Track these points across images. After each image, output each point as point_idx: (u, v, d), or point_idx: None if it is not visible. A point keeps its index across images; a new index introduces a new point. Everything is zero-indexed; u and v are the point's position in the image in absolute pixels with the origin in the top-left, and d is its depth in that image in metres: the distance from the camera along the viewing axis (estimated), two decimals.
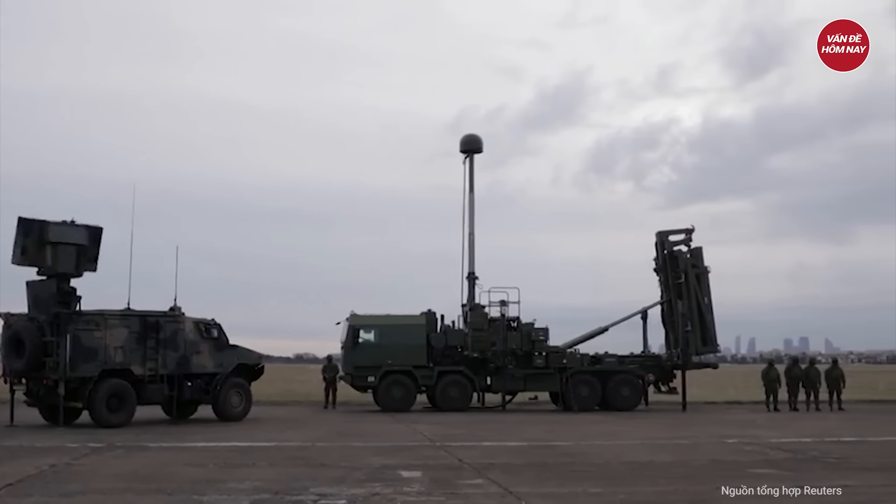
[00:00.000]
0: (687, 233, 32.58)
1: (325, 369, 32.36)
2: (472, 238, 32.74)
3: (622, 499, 11.10)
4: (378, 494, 11.23)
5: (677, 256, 32.19)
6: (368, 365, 29.45)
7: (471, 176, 33.32)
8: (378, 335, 30.03)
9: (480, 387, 30.29)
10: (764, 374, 31.55)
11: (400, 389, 29.55)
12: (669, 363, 31.85)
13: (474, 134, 34.57)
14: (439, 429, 21.95)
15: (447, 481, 12.51)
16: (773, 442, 18.80)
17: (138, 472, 13.74)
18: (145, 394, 23.18)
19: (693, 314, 31.50)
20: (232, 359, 25.09)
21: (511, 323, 30.67)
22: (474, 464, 14.59)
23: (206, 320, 24.86)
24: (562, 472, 13.78)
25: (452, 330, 31.01)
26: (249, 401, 25.46)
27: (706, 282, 32.33)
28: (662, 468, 14.55)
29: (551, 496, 11.33)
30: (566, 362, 30.35)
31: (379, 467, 14.11)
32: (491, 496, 11.26)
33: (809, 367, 31.92)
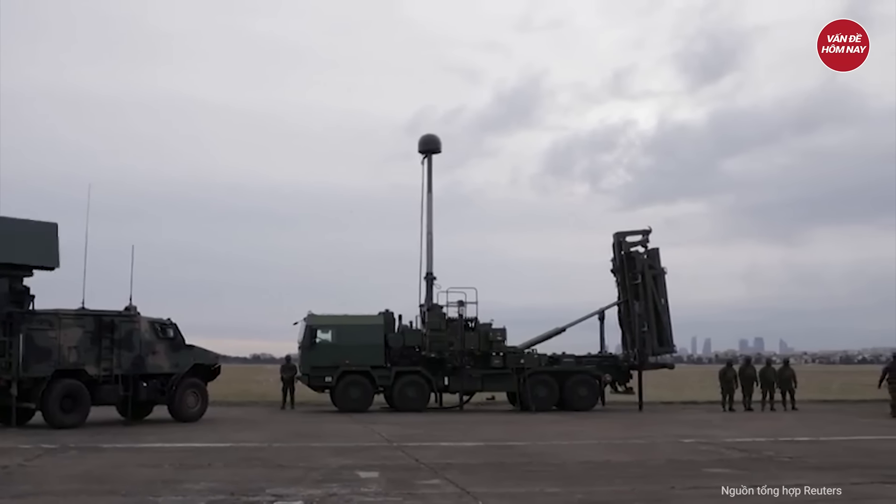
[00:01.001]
0: (644, 234, 32.77)
1: (284, 369, 32.23)
2: (431, 238, 32.73)
3: (579, 498, 11.12)
4: (335, 495, 11.19)
5: (634, 257, 32.35)
6: (326, 365, 29.34)
7: (429, 176, 33.32)
8: (335, 335, 29.92)
9: (438, 387, 30.28)
10: (721, 374, 31.79)
11: (357, 390, 29.46)
12: (626, 363, 32.02)
13: (433, 134, 34.53)
14: (397, 429, 21.92)
15: (404, 482, 12.48)
16: (729, 441, 18.96)
17: (92, 473, 13.59)
18: (100, 394, 22.93)
19: (650, 315, 31.68)
20: (188, 359, 24.90)
21: (469, 323, 30.70)
22: (431, 464, 14.58)
23: (161, 320, 24.66)
24: (519, 472, 13.80)
25: (410, 330, 30.99)
26: (206, 401, 25.30)
27: (663, 283, 32.51)
28: (619, 468, 14.61)
29: (508, 496, 11.34)
30: (524, 362, 30.42)
31: (336, 468, 14.06)
32: (448, 496, 11.25)
33: (765, 367, 32.25)
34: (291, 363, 32.06)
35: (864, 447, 18.40)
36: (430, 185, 33.19)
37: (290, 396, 31.63)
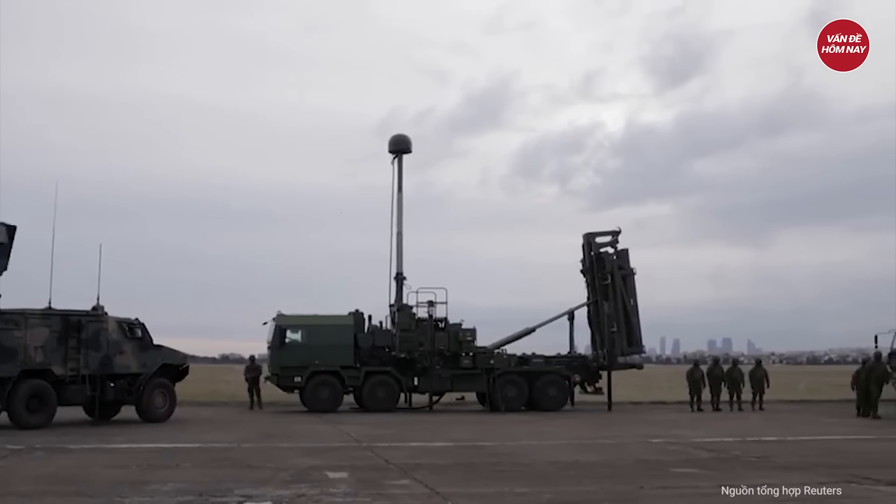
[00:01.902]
0: (614, 235, 32.86)
1: (248, 370, 32.06)
2: (401, 238, 32.68)
3: (548, 498, 11.14)
4: (304, 495, 11.15)
5: (604, 258, 32.46)
6: (295, 365, 29.25)
7: (399, 176, 33.28)
8: (305, 335, 29.83)
9: (407, 387, 30.25)
10: (689, 374, 31.95)
11: (327, 390, 29.41)
12: (595, 364, 32.12)
13: (403, 134, 34.49)
14: (366, 429, 21.89)
15: (373, 482, 12.46)
16: (697, 441, 19.07)
17: (58, 474, 13.48)
18: (66, 394, 22.75)
19: (619, 315, 31.79)
20: (156, 359, 24.75)
21: (438, 323, 30.68)
22: (401, 464, 14.56)
23: (129, 320, 24.50)
24: (488, 472, 13.81)
25: (380, 330, 30.94)
26: (174, 401, 25.16)
27: (632, 283, 32.64)
28: (588, 468, 14.65)
29: (477, 496, 11.34)
30: (493, 363, 30.46)
31: (305, 468, 14.01)
32: (417, 496, 11.24)
33: (732, 367, 32.47)
34: (256, 363, 31.92)
35: (830, 447, 18.55)
36: (400, 185, 33.17)
37: (257, 397, 31.50)
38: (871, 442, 19.69)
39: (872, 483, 11.95)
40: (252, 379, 31.52)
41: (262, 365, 32.30)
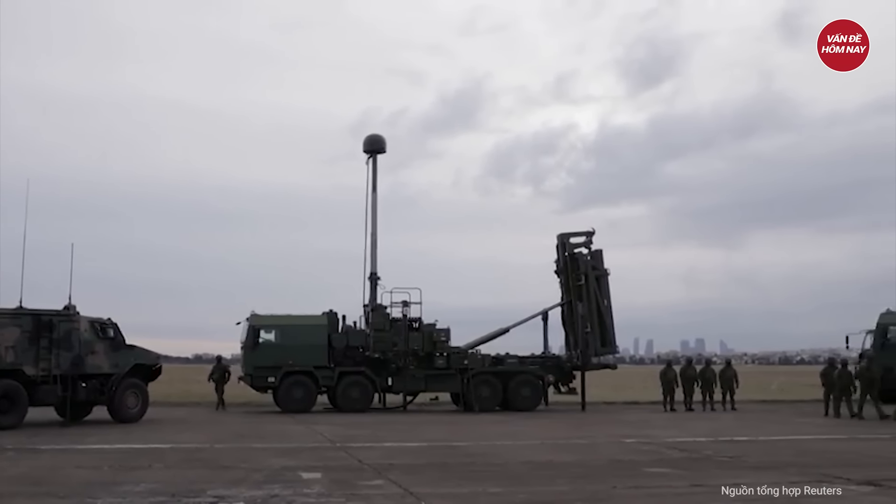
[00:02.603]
0: (588, 235, 32.99)
1: (214, 370, 31.88)
2: (375, 238, 32.66)
3: (522, 498, 11.15)
4: (277, 496, 11.12)
5: (578, 259, 32.57)
6: (269, 365, 29.19)
7: (374, 176, 33.25)
8: (278, 335, 29.79)
9: (381, 387, 30.25)
10: (662, 374, 32.07)
11: (300, 390, 29.35)
12: (569, 364, 32.22)
13: (378, 134, 34.48)
14: (340, 430, 21.85)
15: (347, 482, 12.44)
16: (669, 441, 19.13)
17: (29, 475, 13.39)
18: (37, 395, 22.60)
19: (593, 316, 31.90)
20: (128, 359, 24.62)
21: (413, 324, 30.70)
22: (374, 464, 14.55)
23: (101, 319, 24.36)
24: (462, 473, 13.81)
25: (354, 330, 30.92)
26: (146, 402, 25.02)
27: (606, 284, 32.75)
28: (561, 468, 14.68)
29: (451, 496, 11.34)
30: (467, 363, 30.49)
31: (278, 469, 13.97)
32: (391, 497, 11.23)
33: (705, 367, 32.60)
34: (222, 363, 31.79)
35: (801, 446, 18.65)
36: (374, 185, 33.15)
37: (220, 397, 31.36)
38: (842, 441, 19.82)
39: (844, 482, 12.02)
40: (218, 379, 31.33)
41: (229, 365, 32.14)
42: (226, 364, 31.92)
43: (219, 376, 31.34)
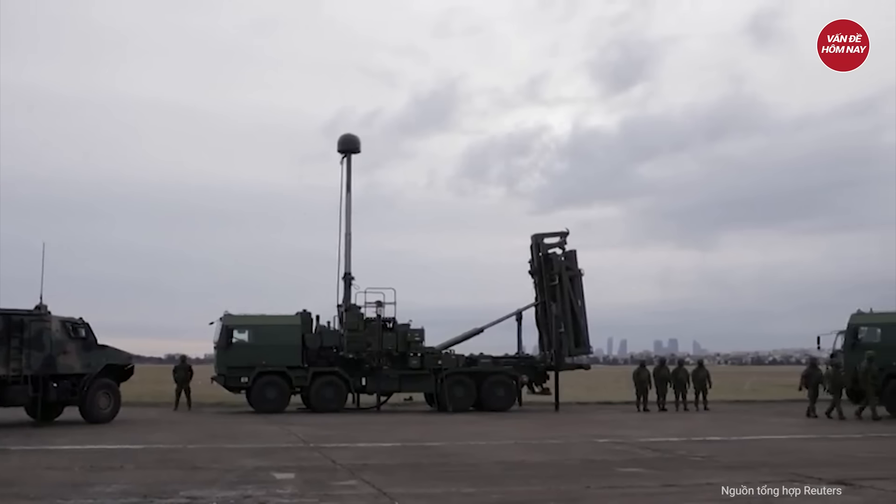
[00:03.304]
0: (562, 236, 33.07)
1: (176, 370, 31.68)
2: (349, 238, 32.64)
3: (495, 499, 11.16)
4: (250, 497, 11.07)
5: (552, 259, 32.65)
6: (242, 365, 29.09)
7: (348, 176, 33.22)
8: (252, 335, 29.71)
9: (355, 388, 30.21)
10: (635, 375, 32.16)
11: (274, 390, 29.27)
12: (543, 364, 32.27)
13: (352, 134, 34.44)
14: (313, 430, 21.81)
15: (321, 483, 12.40)
16: (642, 441, 19.19)
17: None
18: (8, 395, 22.43)
19: (567, 316, 31.97)
20: (100, 359, 24.47)
21: (387, 324, 30.68)
22: (348, 465, 14.51)
23: (73, 319, 24.19)
24: (436, 473, 13.81)
25: (328, 330, 30.86)
26: (118, 402, 24.88)
27: (580, 284, 32.84)
28: (535, 468, 14.71)
29: (425, 496, 11.33)
30: (441, 363, 30.50)
31: (251, 469, 13.92)
32: (364, 497, 11.20)
33: (678, 368, 32.74)
34: (186, 363, 31.64)
35: (773, 446, 18.77)
36: (349, 184, 33.12)
37: (186, 397, 31.12)
38: (814, 441, 19.95)
39: (815, 482, 12.09)
40: (181, 379, 31.16)
41: (191, 365, 31.98)
42: (189, 363, 31.76)
43: (182, 376, 31.14)
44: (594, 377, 44.90)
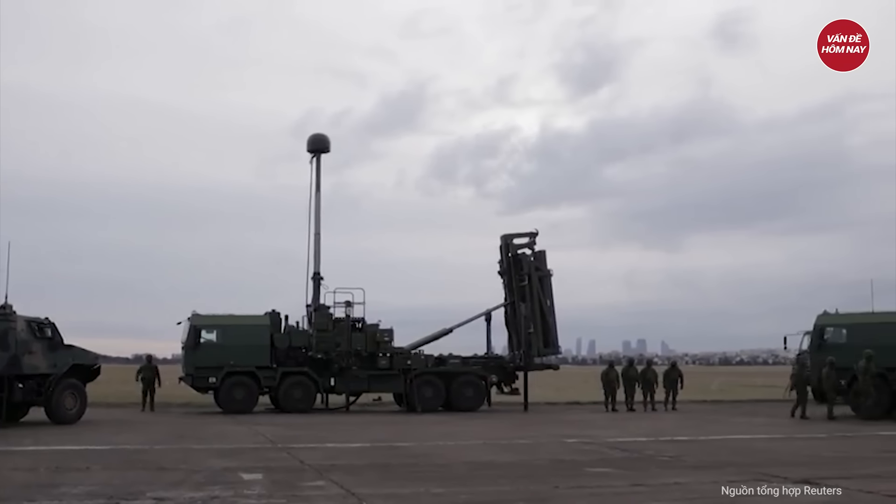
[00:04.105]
0: (531, 236, 33.12)
1: (142, 370, 31.47)
2: (318, 238, 32.57)
3: (464, 499, 11.16)
4: (217, 497, 11.01)
5: (521, 259, 32.69)
6: (210, 365, 28.96)
7: (317, 176, 33.17)
8: (220, 335, 29.59)
9: (324, 388, 30.15)
10: (604, 375, 32.26)
11: (242, 390, 29.15)
12: (512, 364, 32.33)
13: (322, 133, 34.37)
14: (282, 430, 21.74)
15: (288, 483, 12.36)
16: (611, 441, 19.27)
17: None
18: None
19: (536, 316, 32.01)
20: (66, 359, 24.26)
21: (356, 324, 30.64)
22: (316, 465, 14.47)
23: (39, 319, 23.98)
24: (404, 473, 13.80)
25: (296, 330, 30.79)
26: (84, 402, 24.69)
27: (549, 285, 32.90)
28: (504, 468, 14.72)
29: (393, 497, 11.31)
30: (410, 363, 30.48)
31: (219, 470, 13.85)
32: (332, 498, 11.17)
33: (647, 368, 32.87)
34: (152, 363, 31.43)
35: (740, 446, 18.90)
36: (318, 184, 33.06)
37: (151, 398, 30.85)
38: (780, 441, 20.10)
39: (781, 481, 12.17)
40: (147, 379, 30.95)
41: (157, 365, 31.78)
42: (156, 364, 31.56)
43: (148, 376, 30.92)
44: (563, 377, 45.06)
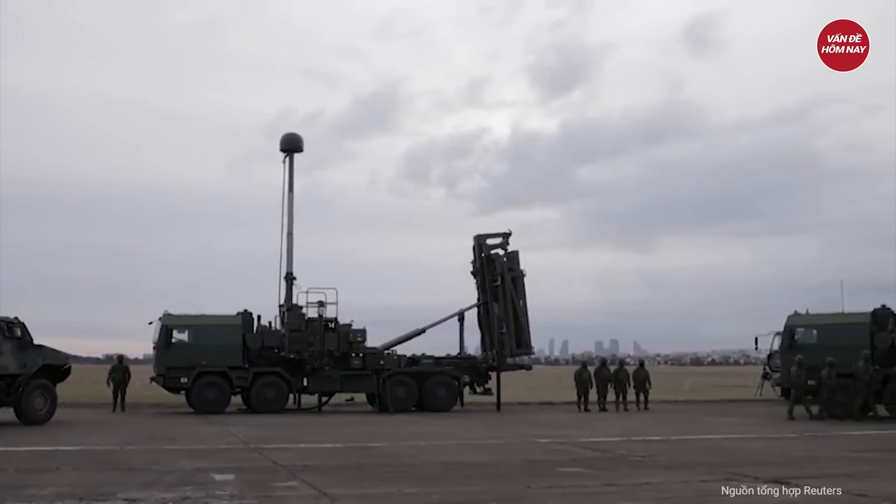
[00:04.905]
0: (504, 237, 33.17)
1: (113, 370, 31.29)
2: (291, 238, 32.51)
3: (437, 499, 11.17)
4: (189, 498, 10.96)
5: (494, 260, 32.73)
6: (181, 366, 28.82)
7: (290, 175, 33.10)
8: (192, 335, 29.45)
9: (297, 388, 30.07)
10: (576, 375, 32.33)
11: (214, 391, 29.04)
12: (485, 364, 32.34)
13: (295, 133, 34.31)
14: (254, 431, 21.67)
15: (261, 484, 12.32)
16: (583, 441, 19.32)
17: None
18: None
19: (508, 316, 32.06)
20: (36, 359, 24.07)
21: (329, 324, 30.56)
22: (289, 466, 14.44)
23: (8, 319, 23.79)
24: (377, 473, 13.78)
25: (269, 330, 30.68)
26: (54, 403, 24.48)
27: (522, 285, 32.96)
28: (476, 468, 14.74)
29: (366, 497, 11.31)
30: (383, 363, 30.44)
31: (191, 470, 13.78)
32: (305, 498, 11.16)
33: (619, 368, 33.00)
34: (123, 364, 31.28)
35: (711, 446, 19.01)
36: (291, 184, 33.01)
37: (121, 398, 30.65)
38: (751, 441, 20.22)
39: (752, 481, 12.25)
40: (118, 380, 30.76)
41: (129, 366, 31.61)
42: (127, 364, 31.39)
43: (120, 377, 30.74)
44: (536, 377, 45.11)
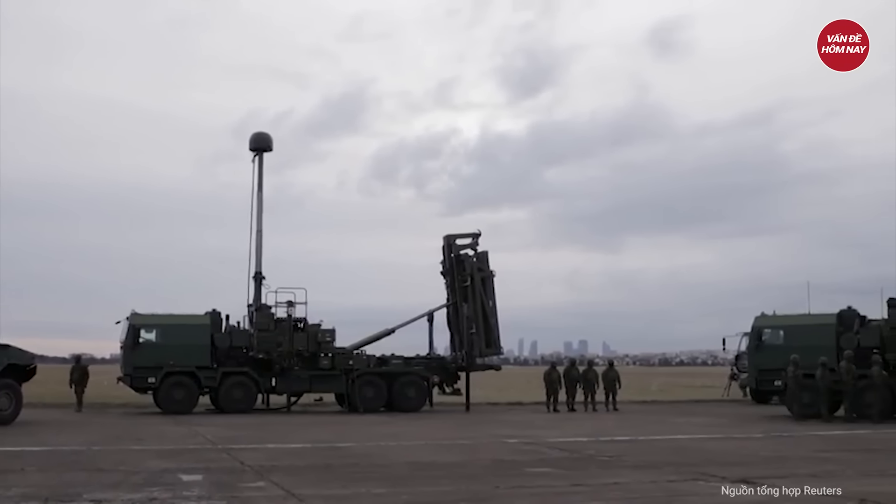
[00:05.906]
0: (473, 237, 33.22)
1: (73, 370, 31.07)
2: (260, 237, 32.38)
3: (405, 499, 11.16)
4: (156, 499, 10.90)
5: (464, 260, 32.78)
6: (149, 365, 28.66)
7: (260, 175, 32.97)
8: (160, 335, 29.30)
9: (265, 388, 29.98)
10: (546, 375, 32.39)
11: (182, 391, 28.89)
12: (454, 365, 32.37)
13: (264, 132, 34.16)
14: (222, 431, 21.58)
15: (228, 484, 12.27)
16: (551, 441, 19.36)
17: None
18: None
19: (478, 317, 32.10)
20: (1, 359, 23.85)
21: (297, 324, 30.50)
22: (257, 466, 14.38)
23: None
24: (345, 474, 13.75)
25: (237, 330, 30.57)
26: (20, 403, 24.24)
27: (491, 285, 33.01)
28: (445, 468, 14.75)
29: (334, 498, 11.29)
30: (352, 363, 30.41)
31: (158, 471, 13.70)
32: (273, 499, 11.12)
33: (588, 368, 33.08)
34: (81, 363, 31.08)
35: (679, 446, 19.11)
36: (260, 183, 32.88)
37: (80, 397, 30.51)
38: (718, 441, 20.33)
39: (719, 480, 12.32)
40: (77, 380, 30.54)
41: (88, 365, 31.37)
42: (85, 364, 31.19)
43: (78, 376, 30.53)
44: (505, 378, 45.24)
